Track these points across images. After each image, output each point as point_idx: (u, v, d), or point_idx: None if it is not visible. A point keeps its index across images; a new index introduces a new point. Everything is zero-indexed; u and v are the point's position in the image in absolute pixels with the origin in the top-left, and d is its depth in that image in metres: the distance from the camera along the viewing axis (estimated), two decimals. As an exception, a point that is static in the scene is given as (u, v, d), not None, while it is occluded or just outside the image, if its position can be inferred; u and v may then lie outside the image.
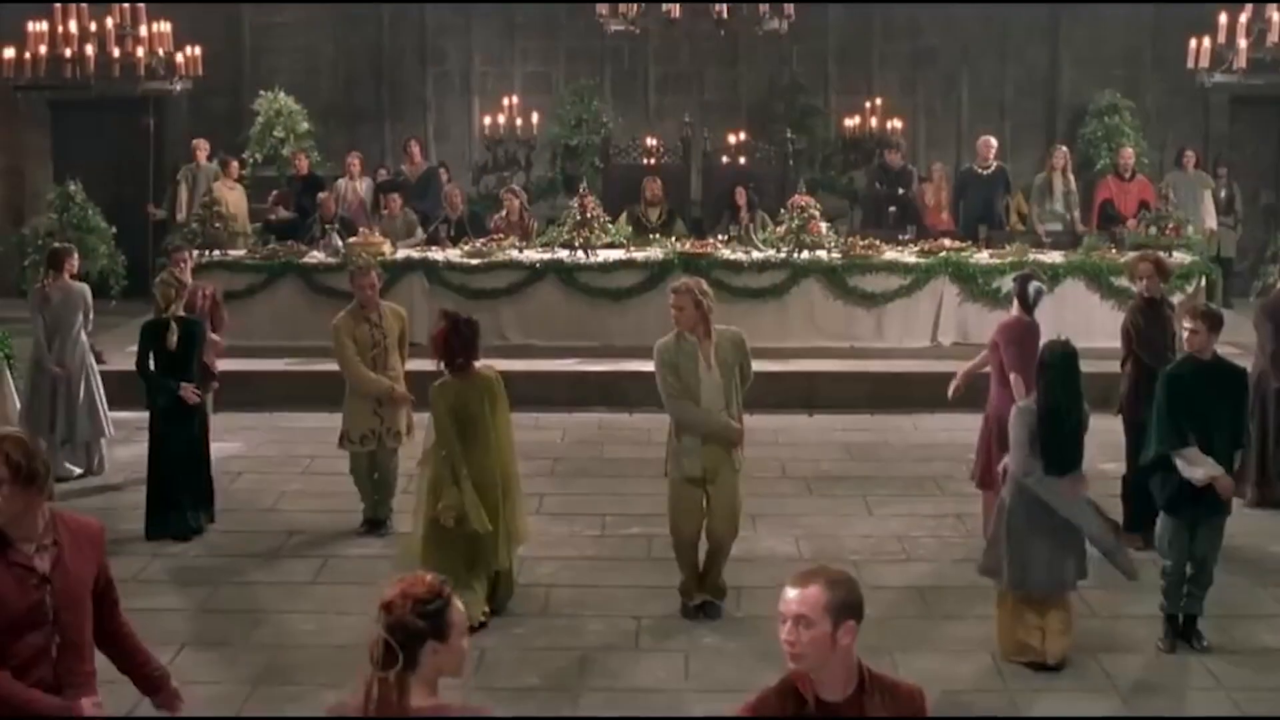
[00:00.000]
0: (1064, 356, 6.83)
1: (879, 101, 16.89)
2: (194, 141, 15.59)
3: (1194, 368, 7.00)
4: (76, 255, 10.41)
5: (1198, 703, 6.51)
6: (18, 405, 11.14)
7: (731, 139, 16.29)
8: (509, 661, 6.90)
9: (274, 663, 6.86)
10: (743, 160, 15.74)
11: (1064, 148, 15.23)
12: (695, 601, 7.51)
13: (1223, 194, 15.96)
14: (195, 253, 12.96)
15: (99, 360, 11.18)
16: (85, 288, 10.36)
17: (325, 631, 7.27)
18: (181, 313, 9.00)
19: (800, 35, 14.95)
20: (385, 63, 17.76)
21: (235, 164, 15.16)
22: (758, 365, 12.13)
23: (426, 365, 7.88)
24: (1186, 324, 7.04)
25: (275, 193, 14.73)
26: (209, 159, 15.43)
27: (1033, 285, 8.56)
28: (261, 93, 16.67)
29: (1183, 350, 7.25)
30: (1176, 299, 12.90)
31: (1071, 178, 14.94)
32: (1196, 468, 6.80)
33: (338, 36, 17.74)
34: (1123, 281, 12.74)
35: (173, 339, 8.79)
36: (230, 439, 10.82)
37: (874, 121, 16.76)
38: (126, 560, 8.30)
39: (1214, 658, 6.93)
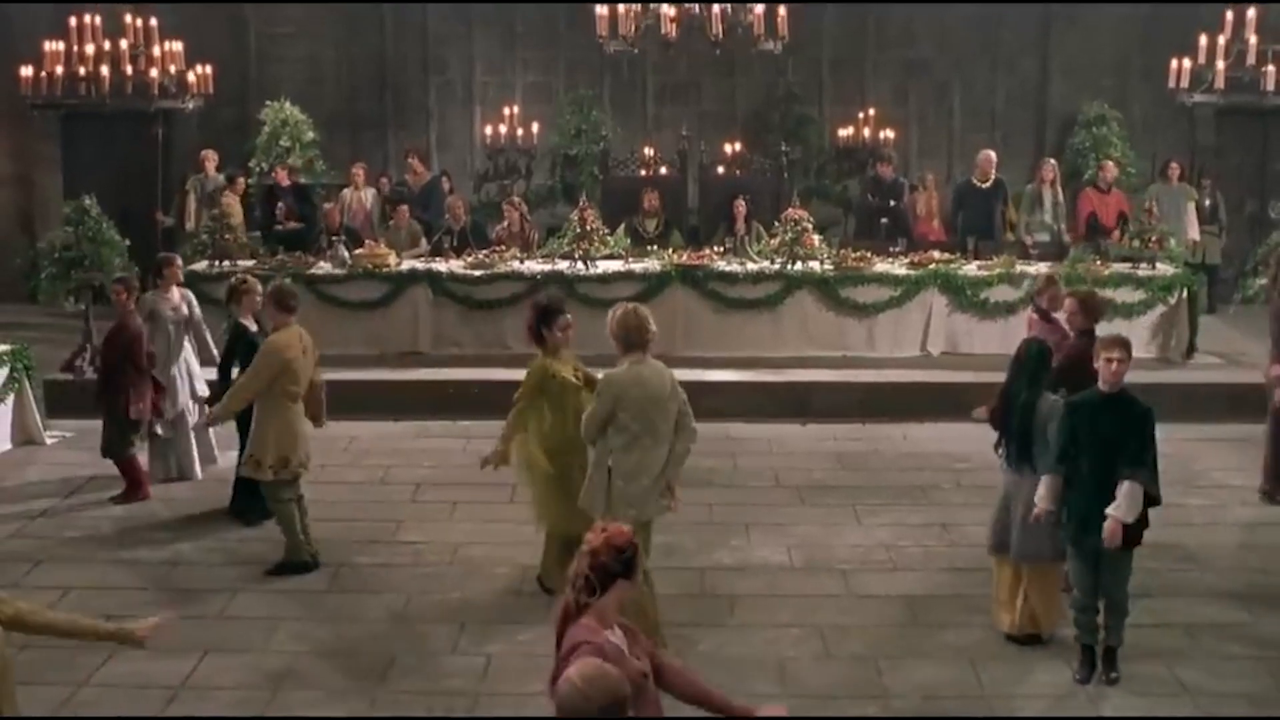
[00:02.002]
0: (1038, 353, 7.49)
1: (872, 111, 17.29)
2: (203, 152, 15.91)
3: (1099, 399, 7.02)
4: (174, 264, 10.67)
5: (1166, 708, 6.86)
6: (38, 417, 11.54)
7: (728, 148, 16.69)
8: (515, 668, 7.24)
9: (293, 668, 7.22)
10: (739, 172, 16.13)
11: (1052, 161, 15.59)
12: None
13: (1207, 203, 16.32)
14: (206, 263, 13.45)
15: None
16: (148, 298, 10.55)
17: (340, 638, 7.62)
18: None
19: (795, 46, 15.30)
20: (389, 72, 18.11)
21: (241, 181, 15.49)
22: (754, 375, 12.74)
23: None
24: (1114, 354, 6.96)
25: (282, 205, 15.06)
26: (217, 171, 15.77)
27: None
28: (268, 103, 17.00)
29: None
30: (1160, 311, 13.35)
31: (1060, 190, 15.31)
32: (1043, 498, 7.11)
33: (341, 46, 18.08)
34: (1107, 293, 13.13)
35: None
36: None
37: (867, 131, 17.16)
38: (148, 570, 8.69)
39: (1182, 664, 7.29)
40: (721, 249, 13.93)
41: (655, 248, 14.00)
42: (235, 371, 9.36)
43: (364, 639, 7.64)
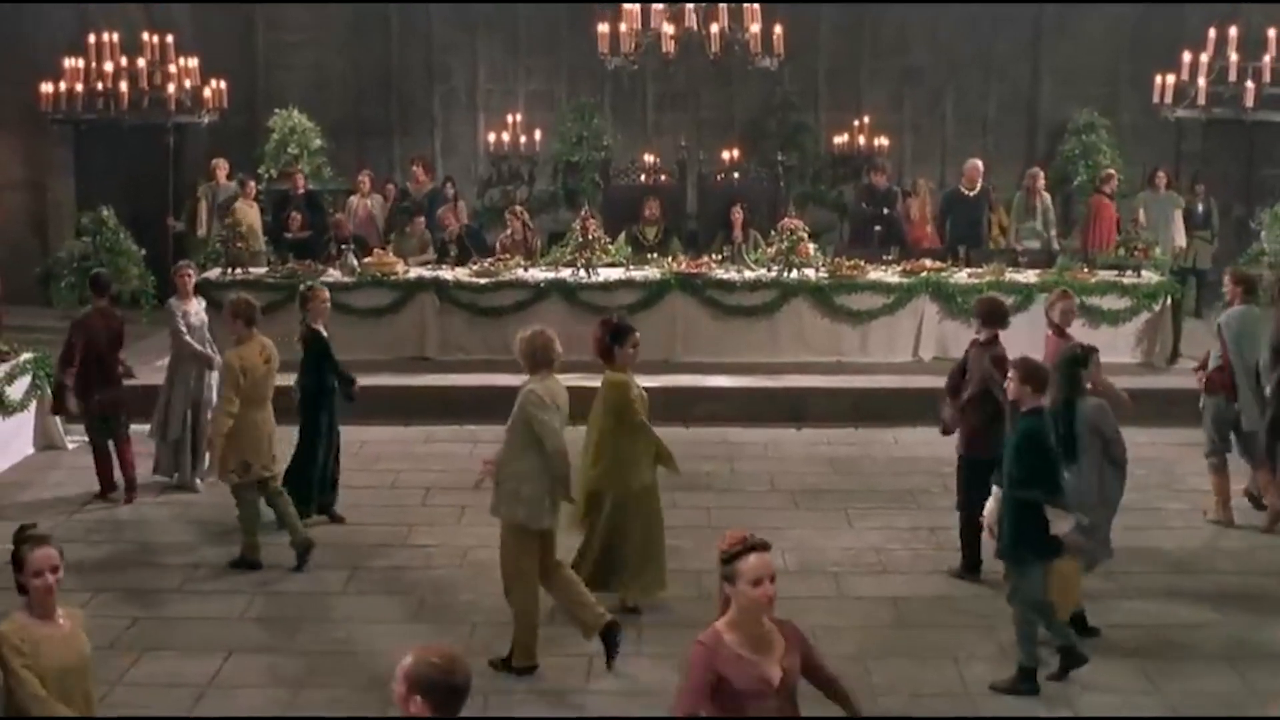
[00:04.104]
0: (1070, 358, 8.11)
1: (867, 118, 17.70)
2: (214, 161, 16.31)
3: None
4: (183, 272, 10.97)
5: (1137, 706, 7.26)
6: (59, 422, 11.93)
7: (726, 155, 17.08)
8: (523, 667, 7.67)
9: (314, 667, 7.63)
10: (736, 177, 16.54)
11: (1039, 170, 16.01)
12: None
13: (1200, 208, 16.73)
14: (219, 272, 13.82)
15: (128, 376, 11.88)
16: (171, 303, 11.01)
17: (357, 639, 8.02)
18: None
19: (792, 55, 15.73)
20: (394, 79, 18.52)
21: (252, 184, 15.90)
22: (751, 380, 13.14)
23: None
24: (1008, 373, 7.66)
25: (295, 215, 15.46)
26: (228, 179, 16.16)
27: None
28: (276, 111, 17.39)
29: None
30: (1145, 318, 13.75)
31: (1048, 197, 15.72)
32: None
33: (348, 54, 18.49)
34: (1093, 300, 13.57)
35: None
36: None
37: (862, 138, 17.57)
38: (173, 573, 9.09)
39: (1154, 664, 7.70)
40: (719, 257, 14.31)
41: (655, 255, 14.38)
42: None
43: (379, 640, 8.01)
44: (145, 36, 13.27)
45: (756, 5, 13.04)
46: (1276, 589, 8.90)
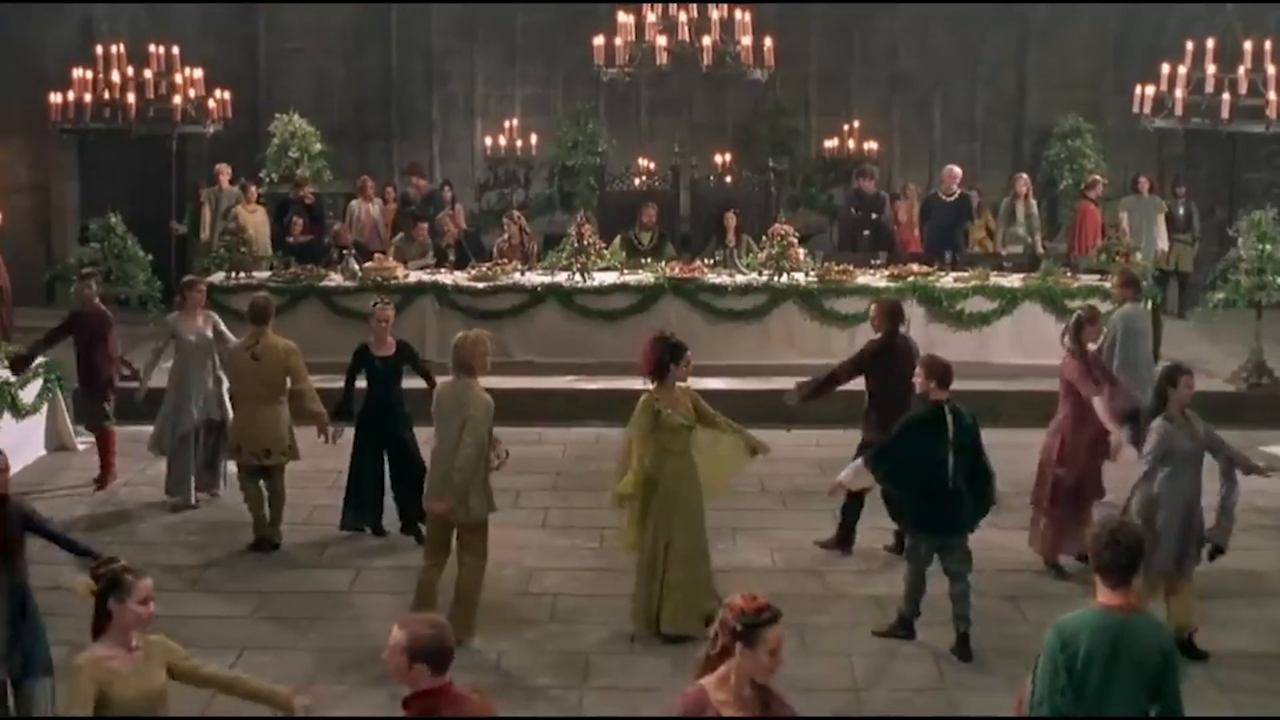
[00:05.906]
0: (1163, 377, 8.25)
1: (857, 123, 18.05)
2: (217, 166, 16.65)
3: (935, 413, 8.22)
4: (197, 287, 11.19)
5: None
6: (69, 423, 12.27)
7: (718, 159, 17.42)
8: (522, 664, 8.03)
9: (324, 665, 7.98)
10: (729, 179, 16.89)
11: (1025, 175, 16.36)
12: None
13: (1181, 211, 17.10)
14: (223, 276, 14.12)
15: (133, 378, 12.21)
16: (170, 319, 11.26)
17: (364, 637, 8.33)
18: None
19: (783, 61, 16.04)
20: (394, 85, 18.84)
21: (254, 188, 16.21)
22: (742, 383, 13.44)
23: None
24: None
25: (299, 221, 15.78)
26: (231, 183, 16.48)
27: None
28: (277, 115, 17.70)
29: None
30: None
31: (1034, 202, 16.08)
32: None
33: (349, 60, 18.81)
34: (1076, 304, 13.87)
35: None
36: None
37: (852, 142, 17.92)
38: (184, 574, 9.43)
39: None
40: (712, 261, 14.65)
41: (649, 260, 14.72)
42: (362, 383, 10.48)
43: (385, 637, 8.29)
44: (151, 48, 13.58)
45: (748, 18, 13.37)
46: (1236, 587, 9.17)
